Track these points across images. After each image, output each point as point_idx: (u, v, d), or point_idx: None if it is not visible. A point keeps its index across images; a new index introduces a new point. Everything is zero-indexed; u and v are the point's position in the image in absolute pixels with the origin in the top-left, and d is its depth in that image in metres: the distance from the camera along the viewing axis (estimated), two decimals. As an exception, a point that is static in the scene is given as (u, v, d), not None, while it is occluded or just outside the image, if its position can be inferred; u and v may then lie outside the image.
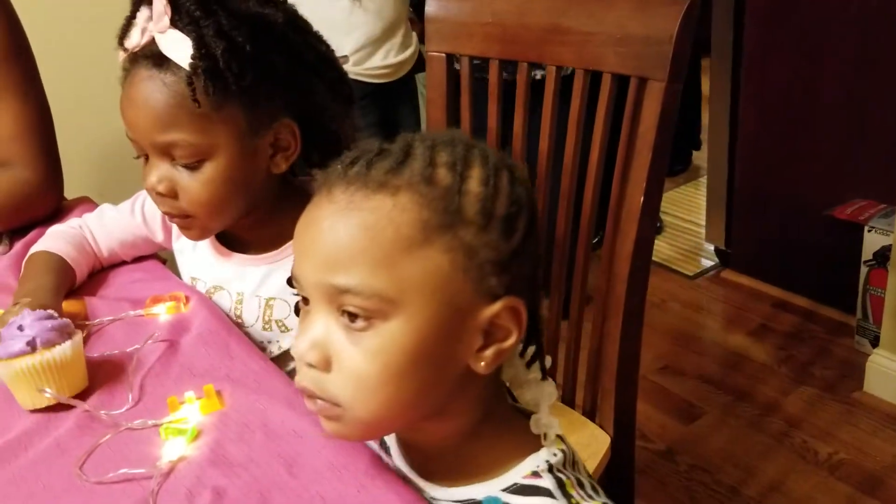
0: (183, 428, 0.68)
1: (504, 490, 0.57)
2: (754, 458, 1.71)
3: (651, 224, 1.00)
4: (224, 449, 0.66)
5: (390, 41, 1.81)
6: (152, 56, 0.79)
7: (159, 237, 0.99)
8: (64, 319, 0.76)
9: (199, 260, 0.95)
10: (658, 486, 1.67)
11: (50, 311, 0.76)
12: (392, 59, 1.82)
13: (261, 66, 0.79)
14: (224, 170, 0.82)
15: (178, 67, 0.78)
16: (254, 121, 0.82)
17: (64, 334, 0.75)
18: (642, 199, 0.96)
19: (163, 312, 0.88)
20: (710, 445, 1.76)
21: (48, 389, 0.72)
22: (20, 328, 0.73)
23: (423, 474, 0.62)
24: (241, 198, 0.85)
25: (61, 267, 0.93)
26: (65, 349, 0.73)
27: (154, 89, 0.79)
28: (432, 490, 0.60)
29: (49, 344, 0.73)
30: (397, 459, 0.64)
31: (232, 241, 0.93)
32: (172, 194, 0.82)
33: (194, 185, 0.81)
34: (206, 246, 0.94)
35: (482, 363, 0.55)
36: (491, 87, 1.13)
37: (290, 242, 0.87)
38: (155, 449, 0.67)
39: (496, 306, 0.54)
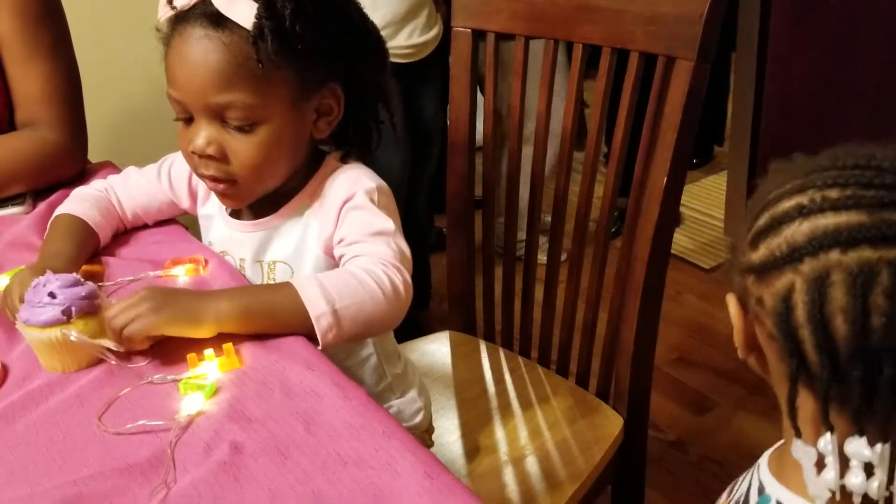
0: (202, 383, 0.68)
1: None
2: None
3: (674, 206, 1.00)
4: (242, 405, 0.67)
5: (414, 21, 1.81)
6: (208, 15, 0.78)
7: (185, 203, 0.99)
8: (91, 284, 0.76)
9: (217, 225, 0.95)
10: (668, 476, 1.67)
11: (77, 277, 0.76)
12: (416, 40, 1.81)
13: (319, 29, 0.79)
14: (276, 133, 0.81)
15: (238, 27, 0.77)
16: (305, 84, 0.82)
17: (93, 301, 0.75)
18: (666, 179, 0.96)
19: (181, 274, 0.88)
20: (721, 437, 1.76)
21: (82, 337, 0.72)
22: (52, 295, 0.72)
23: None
24: (287, 162, 0.85)
25: (85, 231, 0.92)
26: (97, 322, 0.73)
27: (212, 49, 0.77)
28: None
29: (82, 312, 0.73)
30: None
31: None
32: (222, 157, 0.81)
33: (246, 147, 0.81)
34: (223, 214, 0.94)
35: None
36: (517, 65, 1.13)
37: (286, 205, 0.88)
38: (174, 403, 0.68)
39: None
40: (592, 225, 1.10)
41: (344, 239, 0.83)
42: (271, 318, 0.75)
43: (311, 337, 0.75)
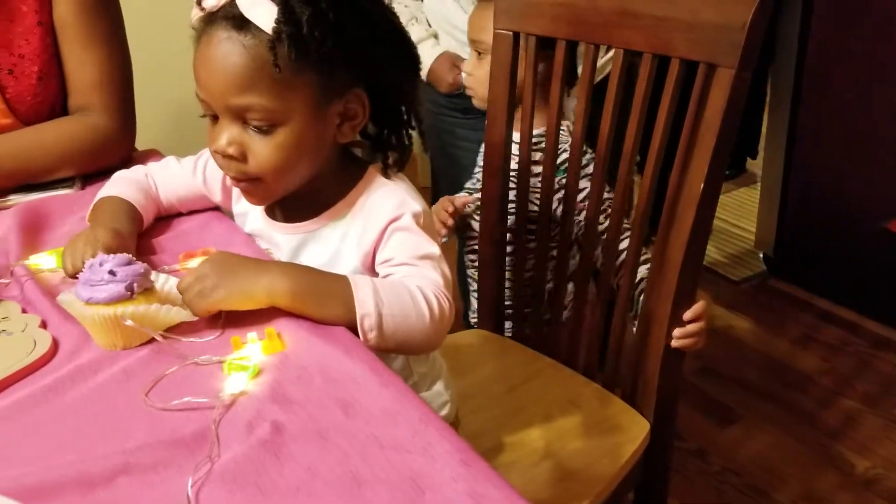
0: (245, 365, 0.70)
1: None
2: (788, 466, 1.70)
3: (709, 213, 1.01)
4: (284, 388, 0.69)
5: None
6: (232, 17, 0.79)
7: (217, 198, 1.01)
8: (143, 263, 0.78)
9: (252, 223, 0.97)
10: (688, 485, 1.67)
11: (129, 256, 0.77)
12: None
13: (340, 34, 0.80)
14: (296, 136, 0.82)
15: (259, 31, 0.78)
16: (328, 89, 0.82)
17: (148, 277, 0.77)
18: (703, 185, 0.97)
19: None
20: (744, 450, 1.75)
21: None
22: (112, 273, 0.74)
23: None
24: (308, 164, 0.86)
25: (132, 211, 0.95)
26: (157, 298, 0.76)
27: (233, 51, 0.79)
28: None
29: (143, 288, 0.75)
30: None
31: (273, 207, 0.94)
32: (242, 157, 0.83)
33: (265, 149, 0.82)
34: (260, 211, 0.96)
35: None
36: (556, 69, 1.14)
37: (326, 212, 0.89)
38: (218, 383, 0.70)
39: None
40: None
41: (390, 259, 0.84)
42: (320, 304, 0.77)
43: (353, 330, 0.77)
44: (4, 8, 1.09)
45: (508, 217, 1.28)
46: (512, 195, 1.26)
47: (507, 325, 1.36)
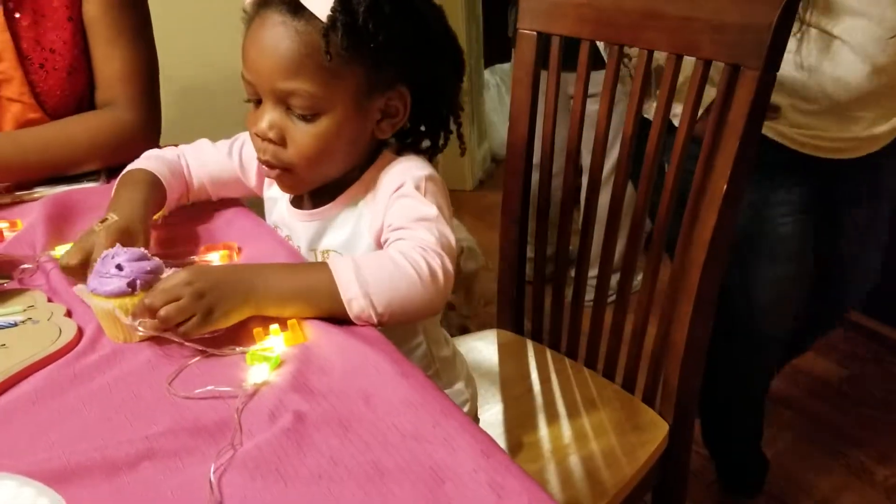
0: (268, 356, 0.71)
1: None
2: (807, 473, 1.69)
3: (733, 214, 1.00)
4: (305, 378, 0.69)
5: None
6: (287, 2, 0.80)
7: (252, 182, 1.01)
8: (157, 260, 0.79)
9: (279, 210, 0.98)
10: (706, 491, 1.66)
11: (143, 251, 0.78)
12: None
13: (393, 30, 0.80)
14: (336, 126, 0.83)
15: (313, 17, 0.78)
16: (373, 82, 0.83)
17: (158, 276, 0.77)
18: (726, 186, 0.96)
19: (216, 260, 0.90)
20: (762, 456, 1.74)
21: (140, 328, 0.73)
22: (119, 267, 0.75)
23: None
24: (344, 156, 0.87)
25: (155, 184, 0.94)
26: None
27: (285, 35, 0.79)
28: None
29: (147, 286, 0.75)
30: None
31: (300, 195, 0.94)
32: (281, 141, 0.83)
33: (305, 136, 0.83)
34: (286, 199, 0.97)
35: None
36: (579, 69, 1.14)
37: (342, 196, 0.89)
38: (240, 373, 0.70)
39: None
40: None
41: (390, 225, 0.84)
42: (306, 301, 0.76)
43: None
44: (37, 4, 1.12)
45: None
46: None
47: (527, 325, 1.36)
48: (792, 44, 1.11)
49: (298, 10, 0.79)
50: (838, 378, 1.97)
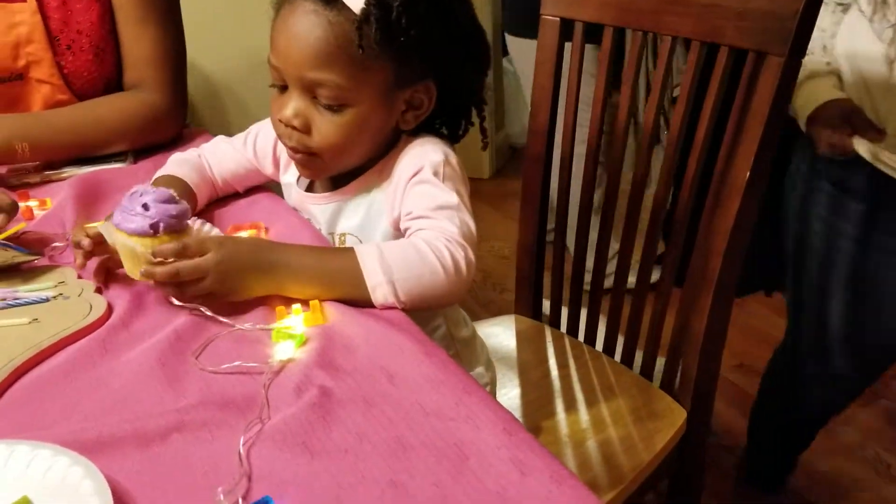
0: (293, 333, 0.72)
1: None
2: (823, 465, 1.68)
3: (754, 202, 1.00)
4: (330, 356, 0.70)
5: None
6: None
7: (269, 170, 1.03)
8: (185, 204, 0.79)
9: (297, 195, 0.99)
10: (721, 480, 1.66)
11: (172, 193, 0.78)
12: None
13: (425, 26, 0.80)
14: (362, 117, 0.83)
15: (346, 9, 0.79)
16: (401, 76, 0.83)
17: (182, 221, 0.78)
18: (748, 174, 0.96)
19: None
20: (779, 446, 1.74)
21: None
22: (145, 207, 0.75)
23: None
24: (367, 146, 0.88)
25: (185, 190, 0.96)
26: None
27: (317, 24, 0.79)
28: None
29: (170, 230, 0.76)
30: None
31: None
32: (305, 129, 0.84)
33: (330, 126, 0.83)
34: (298, 183, 0.98)
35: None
36: (602, 56, 1.15)
37: (358, 179, 0.90)
38: (266, 349, 0.71)
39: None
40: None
41: (409, 213, 0.84)
42: (329, 285, 0.77)
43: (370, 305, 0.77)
44: (65, -15, 1.13)
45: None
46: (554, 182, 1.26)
47: (545, 310, 1.37)
48: (870, 30, 0.90)
49: (332, 1, 0.79)
50: (857, 370, 1.96)
